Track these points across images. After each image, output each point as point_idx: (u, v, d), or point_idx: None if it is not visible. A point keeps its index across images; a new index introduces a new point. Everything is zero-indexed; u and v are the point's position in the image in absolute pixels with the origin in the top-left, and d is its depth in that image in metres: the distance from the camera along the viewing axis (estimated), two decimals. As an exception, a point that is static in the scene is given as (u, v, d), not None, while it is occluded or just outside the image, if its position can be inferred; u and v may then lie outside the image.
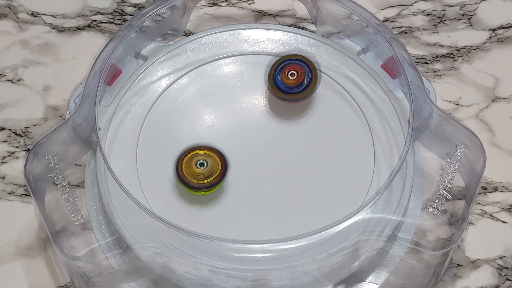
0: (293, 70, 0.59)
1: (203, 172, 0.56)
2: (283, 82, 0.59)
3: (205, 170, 0.56)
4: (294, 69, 0.59)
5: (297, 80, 0.59)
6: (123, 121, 0.60)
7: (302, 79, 0.59)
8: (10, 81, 0.69)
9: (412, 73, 0.58)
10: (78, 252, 0.55)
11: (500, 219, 0.63)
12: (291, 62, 0.60)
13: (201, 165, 0.56)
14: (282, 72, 0.60)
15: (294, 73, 0.59)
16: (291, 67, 0.60)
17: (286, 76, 0.59)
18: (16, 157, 0.65)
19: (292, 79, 0.59)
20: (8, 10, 0.73)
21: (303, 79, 0.59)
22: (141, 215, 0.53)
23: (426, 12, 0.73)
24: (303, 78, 0.59)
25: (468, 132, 0.57)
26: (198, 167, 0.56)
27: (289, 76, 0.59)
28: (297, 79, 0.59)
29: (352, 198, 0.57)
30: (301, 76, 0.59)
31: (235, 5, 0.73)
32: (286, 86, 0.59)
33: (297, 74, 0.59)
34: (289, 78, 0.59)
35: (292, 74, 0.59)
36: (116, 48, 0.59)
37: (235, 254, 0.54)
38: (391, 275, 0.58)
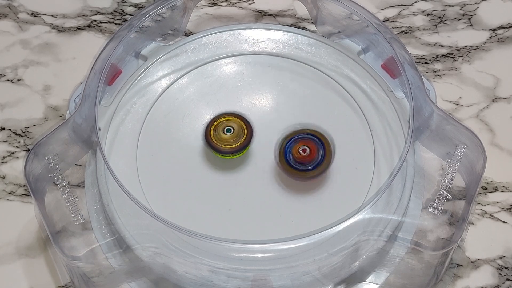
0: (305, 146, 0.56)
1: (230, 137, 0.57)
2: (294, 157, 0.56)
3: (232, 135, 0.57)
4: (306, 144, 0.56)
5: (310, 156, 0.56)
6: (123, 121, 0.60)
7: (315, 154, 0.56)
8: (10, 81, 0.69)
9: (412, 73, 0.58)
10: (78, 252, 0.55)
11: (500, 219, 0.63)
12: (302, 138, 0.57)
13: (228, 131, 0.57)
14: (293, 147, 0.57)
15: (306, 149, 0.56)
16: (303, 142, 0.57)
17: (297, 151, 0.56)
18: (16, 157, 0.65)
19: (304, 155, 0.56)
20: (8, 10, 0.73)
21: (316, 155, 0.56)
22: (141, 215, 0.53)
23: (426, 12, 0.73)
24: (316, 153, 0.56)
25: (468, 132, 0.57)
26: (226, 133, 0.57)
27: (300, 152, 0.56)
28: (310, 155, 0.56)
29: (352, 198, 0.57)
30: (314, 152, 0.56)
31: (235, 5, 0.73)
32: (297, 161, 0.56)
33: (309, 149, 0.56)
34: (300, 153, 0.56)
35: (304, 150, 0.56)
36: (116, 48, 0.59)
37: (235, 254, 0.54)
38: (391, 275, 0.58)
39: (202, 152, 0.59)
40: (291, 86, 0.62)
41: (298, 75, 0.63)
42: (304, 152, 0.56)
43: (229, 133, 0.57)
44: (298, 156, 0.56)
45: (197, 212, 0.57)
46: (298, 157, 0.56)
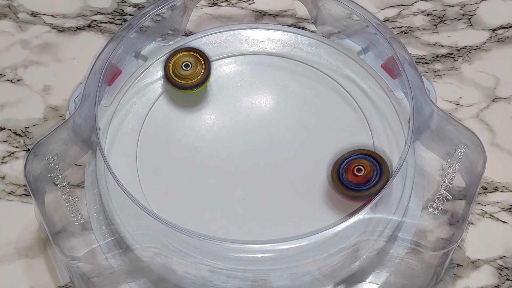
0: (360, 165, 0.55)
1: (189, 73, 0.60)
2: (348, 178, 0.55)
3: (191, 71, 0.60)
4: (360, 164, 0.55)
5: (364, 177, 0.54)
6: (123, 121, 0.60)
7: (370, 175, 0.54)
8: (10, 81, 0.69)
9: (413, 73, 0.58)
10: (78, 253, 0.55)
11: (501, 219, 0.63)
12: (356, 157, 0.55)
13: (186, 67, 0.60)
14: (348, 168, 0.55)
15: (360, 169, 0.54)
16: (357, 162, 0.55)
17: (352, 172, 0.54)
18: (16, 157, 0.65)
19: (359, 175, 0.54)
20: (8, 10, 0.73)
21: (371, 175, 0.54)
22: (141, 216, 0.53)
23: (426, 12, 0.73)
24: (371, 173, 0.54)
25: (468, 132, 0.57)
26: (184, 68, 0.60)
27: (355, 172, 0.54)
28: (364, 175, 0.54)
29: (352, 198, 0.57)
30: (368, 172, 0.54)
31: (235, 5, 0.73)
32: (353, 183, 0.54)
33: (364, 169, 0.54)
34: (355, 174, 0.54)
35: (358, 170, 0.54)
36: (116, 48, 0.59)
37: (235, 254, 0.54)
38: (391, 275, 0.58)
39: (202, 152, 0.59)
40: (291, 86, 0.62)
41: (298, 75, 0.63)
42: (359, 172, 0.54)
43: (187, 68, 0.59)
44: (352, 177, 0.54)
45: (197, 212, 0.57)
46: (353, 178, 0.54)
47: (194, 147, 0.60)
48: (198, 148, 0.59)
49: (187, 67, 0.60)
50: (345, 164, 0.55)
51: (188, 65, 0.60)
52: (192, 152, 0.59)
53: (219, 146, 0.60)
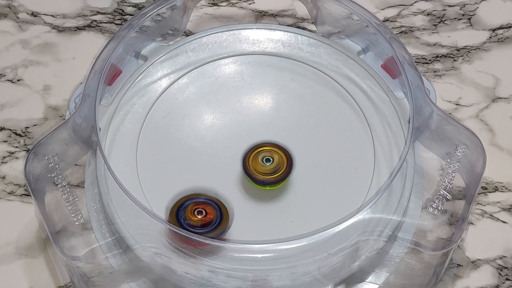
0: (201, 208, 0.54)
1: (269, 168, 0.56)
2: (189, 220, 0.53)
3: (272, 166, 0.56)
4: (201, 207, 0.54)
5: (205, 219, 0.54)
6: (123, 121, 0.60)
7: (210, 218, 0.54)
8: (10, 81, 0.69)
9: (412, 73, 0.58)
10: (78, 252, 0.55)
11: (500, 219, 0.63)
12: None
13: (267, 161, 0.56)
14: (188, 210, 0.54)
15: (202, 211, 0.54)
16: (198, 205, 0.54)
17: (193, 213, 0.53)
18: (16, 157, 0.65)
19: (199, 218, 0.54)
20: (8, 10, 0.73)
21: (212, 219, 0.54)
22: (141, 215, 0.53)
23: (426, 12, 0.73)
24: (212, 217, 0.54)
25: (468, 132, 0.57)
26: (264, 163, 0.56)
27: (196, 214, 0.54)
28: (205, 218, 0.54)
29: (352, 198, 0.57)
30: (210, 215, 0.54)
31: (235, 5, 0.73)
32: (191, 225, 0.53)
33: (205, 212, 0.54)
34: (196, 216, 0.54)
35: (199, 212, 0.54)
36: (116, 48, 0.59)
37: (235, 254, 0.54)
38: (391, 275, 0.58)
39: (202, 152, 0.59)
40: (291, 86, 0.62)
41: (298, 75, 0.63)
42: (200, 214, 0.53)
43: (268, 163, 0.56)
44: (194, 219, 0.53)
45: (197, 212, 0.57)
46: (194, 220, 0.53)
47: (194, 147, 0.60)
48: (198, 148, 0.59)
49: (268, 161, 0.56)
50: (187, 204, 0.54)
51: (269, 160, 0.56)
52: (192, 152, 0.59)
53: (219, 146, 0.60)
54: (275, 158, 0.56)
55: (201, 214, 0.54)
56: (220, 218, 0.54)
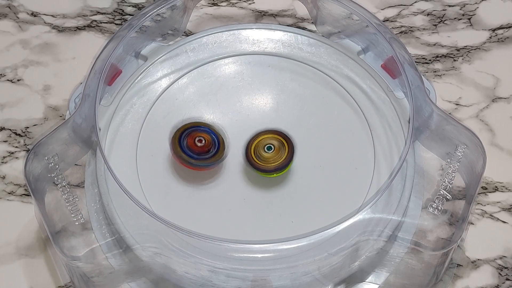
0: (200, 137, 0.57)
1: (271, 156, 0.57)
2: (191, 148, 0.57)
3: (273, 154, 0.57)
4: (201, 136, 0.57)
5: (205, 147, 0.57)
6: (123, 121, 0.60)
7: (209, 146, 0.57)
8: (10, 81, 0.69)
9: (412, 73, 0.58)
10: (78, 252, 0.55)
11: (500, 219, 0.63)
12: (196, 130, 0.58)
13: (269, 149, 0.57)
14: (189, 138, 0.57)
15: (201, 140, 0.57)
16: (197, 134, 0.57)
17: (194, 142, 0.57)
18: (16, 157, 0.65)
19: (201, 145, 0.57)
20: (8, 10, 0.73)
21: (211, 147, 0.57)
22: (141, 215, 0.53)
23: (426, 12, 0.73)
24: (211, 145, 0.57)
25: (468, 132, 0.57)
26: (266, 151, 0.57)
27: (197, 143, 0.57)
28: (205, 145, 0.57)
29: (352, 198, 0.57)
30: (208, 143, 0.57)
31: (235, 5, 0.73)
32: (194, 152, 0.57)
33: (204, 140, 0.57)
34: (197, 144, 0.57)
35: (200, 141, 0.57)
36: (116, 48, 0.59)
37: (235, 254, 0.54)
38: (391, 275, 0.58)
39: (202, 152, 0.59)
40: (291, 86, 0.62)
41: (298, 75, 0.63)
42: (200, 142, 0.57)
43: (270, 151, 0.57)
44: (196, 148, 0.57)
45: (197, 212, 0.57)
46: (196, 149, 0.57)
47: (194, 147, 0.60)
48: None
49: (270, 149, 0.57)
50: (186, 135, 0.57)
51: (271, 148, 0.57)
52: (192, 152, 0.59)
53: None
54: (276, 145, 0.57)
55: (201, 142, 0.57)
56: (218, 147, 0.57)
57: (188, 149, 0.57)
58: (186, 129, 0.58)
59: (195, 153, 0.57)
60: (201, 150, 0.57)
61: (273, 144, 0.57)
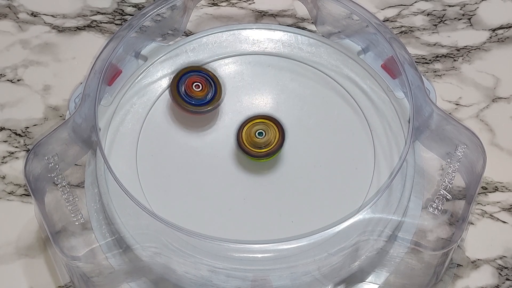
0: (197, 82, 0.59)
1: (262, 141, 0.57)
2: (189, 94, 0.59)
3: (264, 139, 0.57)
4: (198, 81, 0.59)
5: (202, 92, 0.59)
6: (123, 121, 0.60)
7: (207, 91, 0.60)
8: (10, 81, 0.69)
9: (412, 73, 0.58)
10: (78, 252, 0.55)
11: (500, 219, 0.63)
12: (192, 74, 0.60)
13: (260, 135, 0.57)
14: (186, 84, 0.59)
15: (199, 85, 0.59)
16: (194, 79, 0.59)
17: (191, 88, 0.59)
18: (16, 157, 0.65)
19: (198, 91, 0.59)
20: (8, 10, 0.73)
21: (208, 92, 0.60)
22: (141, 215, 0.53)
23: (426, 12, 0.73)
24: (208, 91, 0.60)
25: (468, 132, 0.57)
26: (257, 136, 0.57)
27: (194, 88, 0.59)
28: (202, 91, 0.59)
29: (352, 198, 0.57)
30: (205, 88, 0.60)
31: (235, 5, 0.73)
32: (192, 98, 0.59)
33: (201, 86, 0.59)
34: (194, 90, 0.59)
35: (197, 86, 0.59)
36: (116, 48, 0.59)
37: (235, 254, 0.54)
38: (391, 275, 0.58)
39: (202, 152, 0.59)
40: (291, 86, 0.62)
41: (298, 75, 0.63)
42: (198, 88, 0.59)
43: (261, 137, 0.57)
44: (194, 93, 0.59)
45: (197, 212, 0.57)
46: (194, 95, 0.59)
47: (194, 147, 0.60)
48: (198, 148, 0.59)
49: (261, 135, 0.58)
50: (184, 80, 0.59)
51: (262, 133, 0.58)
52: (192, 152, 0.59)
53: (219, 146, 0.60)
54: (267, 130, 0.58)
55: (198, 88, 0.59)
56: (214, 92, 0.60)
57: (186, 96, 0.59)
58: (183, 75, 0.60)
59: (193, 99, 0.59)
60: (199, 95, 0.59)
61: (263, 130, 0.58)
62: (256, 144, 0.57)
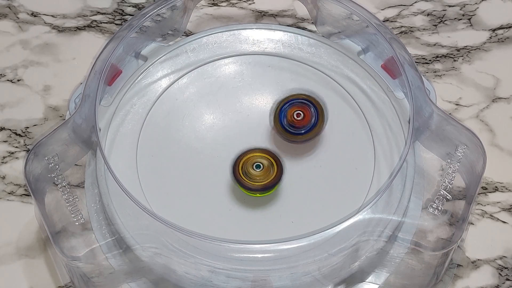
0: (299, 111, 0.58)
1: (259, 174, 0.56)
2: (289, 122, 0.57)
3: (261, 172, 0.56)
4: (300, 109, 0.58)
5: (305, 121, 0.57)
6: (123, 122, 0.60)
7: (309, 118, 0.58)
8: (10, 81, 0.69)
9: (412, 73, 0.58)
10: (78, 253, 0.55)
11: (500, 219, 0.63)
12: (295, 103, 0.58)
13: (257, 167, 0.56)
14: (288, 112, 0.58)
15: (300, 113, 0.58)
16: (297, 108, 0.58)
17: (293, 116, 0.57)
18: (16, 157, 0.65)
19: (299, 119, 0.57)
20: (8, 10, 0.73)
21: (311, 119, 0.58)
22: (141, 216, 0.53)
23: (426, 12, 0.73)
24: (311, 117, 0.58)
25: (468, 133, 0.57)
26: (255, 169, 0.56)
27: (295, 117, 0.57)
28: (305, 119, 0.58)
29: (352, 198, 0.57)
30: (308, 116, 0.58)
31: (235, 5, 0.73)
32: (293, 126, 0.58)
33: (303, 114, 0.58)
34: (295, 118, 0.57)
35: (298, 115, 0.57)
36: (116, 48, 0.59)
37: (235, 255, 0.54)
38: (391, 275, 0.58)
39: (202, 152, 0.59)
40: (291, 86, 0.62)
41: (298, 75, 0.63)
42: (298, 116, 0.57)
43: (258, 170, 0.56)
44: (293, 120, 0.57)
45: (197, 212, 0.57)
46: (292, 121, 0.57)
47: (194, 147, 0.60)
48: (198, 148, 0.59)
49: (258, 168, 0.56)
50: (286, 108, 0.58)
51: (260, 166, 0.56)
52: (192, 152, 0.59)
53: (219, 146, 0.60)
54: (265, 164, 0.56)
55: (299, 116, 0.57)
56: (317, 117, 0.58)
57: (288, 125, 0.57)
58: (285, 104, 0.58)
59: (295, 128, 0.57)
60: (301, 124, 0.57)
61: (262, 163, 0.56)
62: (252, 177, 0.56)
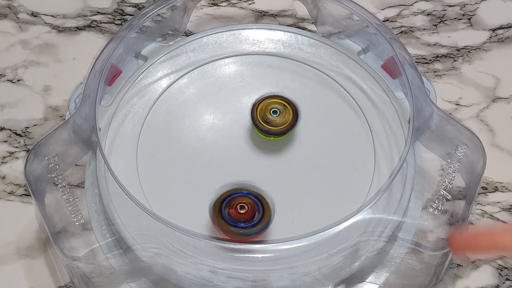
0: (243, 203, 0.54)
1: (276, 119, 0.58)
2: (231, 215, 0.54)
3: (278, 118, 0.58)
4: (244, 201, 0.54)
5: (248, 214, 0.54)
6: (123, 122, 0.60)
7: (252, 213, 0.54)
8: (10, 81, 0.69)
9: (413, 73, 0.58)
10: (78, 253, 0.55)
11: (500, 219, 0.63)
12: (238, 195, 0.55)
13: (275, 113, 0.58)
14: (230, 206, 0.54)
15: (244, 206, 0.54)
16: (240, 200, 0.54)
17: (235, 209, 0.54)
18: (16, 157, 0.65)
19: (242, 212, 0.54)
20: (8, 10, 0.73)
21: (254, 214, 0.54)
22: (141, 216, 0.53)
23: (426, 12, 0.73)
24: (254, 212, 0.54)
25: (468, 133, 0.57)
26: (272, 114, 0.58)
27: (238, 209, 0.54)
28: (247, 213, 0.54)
29: (352, 199, 0.57)
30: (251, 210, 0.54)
31: (235, 5, 0.73)
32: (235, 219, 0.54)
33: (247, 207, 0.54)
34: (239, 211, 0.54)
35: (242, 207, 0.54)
36: (116, 48, 0.59)
37: (235, 255, 0.54)
38: (391, 275, 0.58)
39: (202, 153, 0.59)
40: (291, 86, 0.62)
41: (298, 75, 0.63)
42: (242, 209, 0.54)
43: (275, 115, 0.58)
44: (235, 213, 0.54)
45: (197, 212, 0.57)
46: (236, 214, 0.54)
47: (194, 147, 0.60)
48: (198, 148, 0.60)
49: (276, 113, 0.58)
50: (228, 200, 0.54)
51: (276, 112, 0.58)
52: (192, 152, 0.59)
53: (219, 146, 0.60)
54: (282, 110, 0.58)
55: (243, 208, 0.54)
56: (262, 213, 0.54)
57: (231, 219, 0.53)
58: (226, 197, 0.54)
59: (239, 222, 0.53)
60: (245, 217, 0.53)
61: (278, 109, 0.58)
62: (270, 122, 0.58)
